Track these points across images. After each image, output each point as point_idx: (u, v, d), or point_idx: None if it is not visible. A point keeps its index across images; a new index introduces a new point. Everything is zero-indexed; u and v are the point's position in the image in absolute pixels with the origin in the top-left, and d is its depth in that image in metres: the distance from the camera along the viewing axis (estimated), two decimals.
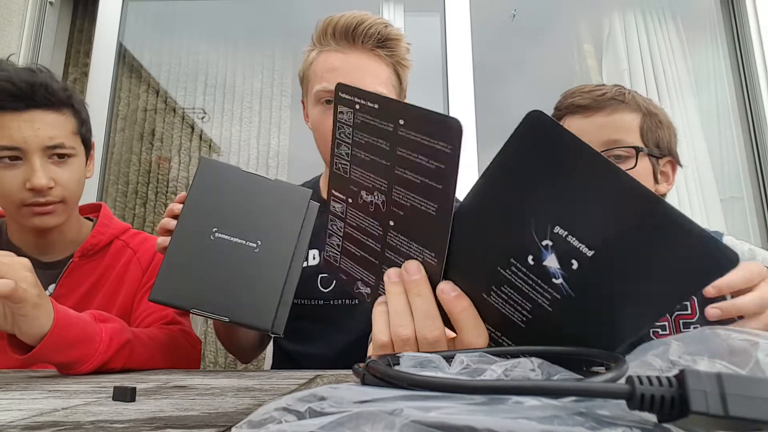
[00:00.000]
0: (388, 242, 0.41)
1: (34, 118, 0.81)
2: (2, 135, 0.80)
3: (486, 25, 2.14)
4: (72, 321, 0.65)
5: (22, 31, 1.99)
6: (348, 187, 0.43)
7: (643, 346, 0.27)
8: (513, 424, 0.15)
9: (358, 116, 0.40)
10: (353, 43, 0.87)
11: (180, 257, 0.67)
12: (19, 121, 0.80)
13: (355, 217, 0.44)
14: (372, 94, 0.39)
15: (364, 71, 0.87)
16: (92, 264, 0.95)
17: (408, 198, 0.38)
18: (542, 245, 0.32)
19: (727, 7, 2.13)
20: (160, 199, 2.20)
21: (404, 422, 0.15)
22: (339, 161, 0.42)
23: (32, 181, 0.81)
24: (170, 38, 2.32)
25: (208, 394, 0.46)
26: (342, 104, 0.40)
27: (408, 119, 0.36)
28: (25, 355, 0.63)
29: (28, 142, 0.81)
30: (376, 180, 0.40)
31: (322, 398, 0.18)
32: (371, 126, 0.39)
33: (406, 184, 0.38)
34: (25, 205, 0.83)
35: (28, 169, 0.81)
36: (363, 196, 0.42)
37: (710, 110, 2.11)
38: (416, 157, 0.36)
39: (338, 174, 0.44)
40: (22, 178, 0.81)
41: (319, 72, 0.88)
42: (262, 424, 0.17)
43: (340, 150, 0.42)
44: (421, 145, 0.36)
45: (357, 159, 0.41)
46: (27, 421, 0.33)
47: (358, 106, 0.39)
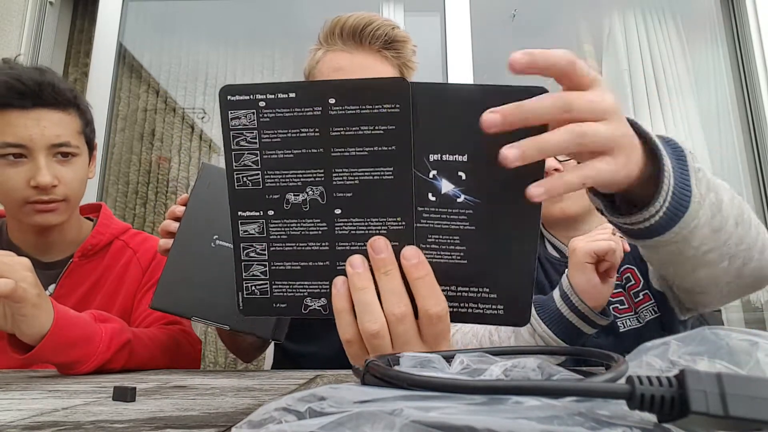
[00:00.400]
0: (338, 233, 0.38)
1: (40, 116, 0.82)
2: (8, 132, 0.81)
3: (486, 25, 2.14)
4: (72, 321, 0.65)
5: (22, 31, 1.99)
6: (263, 198, 0.38)
7: (642, 346, 0.27)
8: (513, 424, 0.15)
9: (265, 114, 0.36)
10: (360, 43, 0.87)
11: (181, 265, 0.67)
12: (25, 119, 0.80)
13: (282, 228, 0.38)
14: (282, 84, 0.35)
15: (369, 71, 0.87)
16: (92, 264, 0.95)
17: (356, 175, 0.36)
18: (430, 177, 0.36)
19: (727, 6, 2.13)
20: (160, 199, 2.20)
21: (404, 422, 0.15)
22: (244, 174, 0.37)
23: (37, 179, 0.81)
24: (170, 38, 2.32)
25: (208, 394, 0.46)
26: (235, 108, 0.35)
27: (340, 95, 0.34)
28: (24, 355, 0.63)
29: (34, 139, 0.81)
30: (306, 174, 0.36)
31: (322, 398, 0.18)
32: (289, 118, 0.35)
33: (350, 162, 0.36)
34: (28, 202, 0.83)
35: (33, 167, 0.82)
36: (290, 199, 0.37)
37: (710, 110, 2.11)
38: (357, 130, 0.35)
39: (245, 190, 0.37)
40: (27, 176, 0.82)
41: (326, 71, 0.88)
42: (262, 424, 0.17)
43: (243, 160, 0.37)
44: (361, 116, 0.35)
45: (271, 162, 0.36)
46: (27, 421, 0.33)
47: (264, 103, 0.35)
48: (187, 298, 0.66)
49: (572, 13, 2.32)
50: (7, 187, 0.82)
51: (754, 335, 0.23)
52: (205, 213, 0.68)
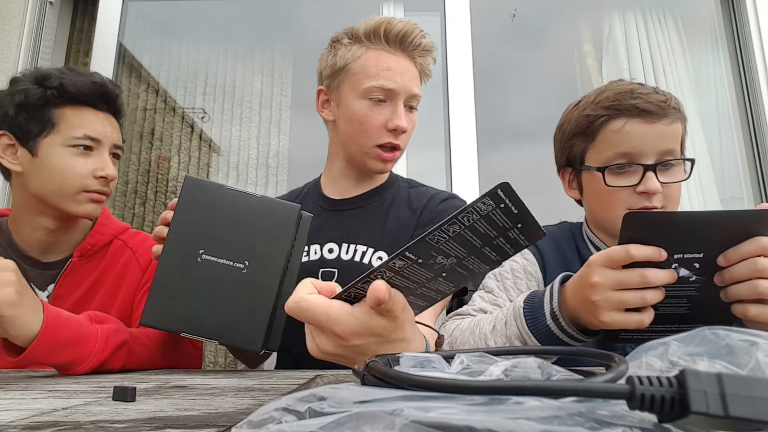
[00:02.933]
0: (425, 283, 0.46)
1: (110, 120, 0.95)
2: (86, 126, 0.90)
3: (486, 24, 2.14)
4: (64, 323, 0.65)
5: (22, 31, 1.99)
6: (428, 252, 0.42)
7: (642, 346, 0.27)
8: (513, 425, 0.15)
9: (494, 212, 0.40)
10: (404, 48, 0.95)
11: (168, 280, 0.67)
12: (101, 119, 0.93)
13: (412, 272, 0.44)
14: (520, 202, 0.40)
15: (410, 75, 0.95)
16: (91, 264, 0.95)
17: (475, 264, 0.45)
18: (673, 268, 0.58)
19: (727, 7, 2.13)
20: (159, 198, 2.20)
21: (404, 422, 0.15)
22: (439, 235, 0.41)
23: (106, 171, 0.92)
24: (170, 38, 2.32)
25: (208, 394, 0.46)
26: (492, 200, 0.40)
27: (523, 225, 0.42)
28: (17, 357, 0.63)
29: (107, 137, 0.93)
30: (460, 251, 0.43)
31: (322, 398, 0.18)
32: (494, 220, 0.41)
33: (483, 257, 0.44)
34: (86, 191, 0.90)
35: (101, 161, 0.92)
36: (437, 260, 0.43)
37: (710, 110, 2.11)
38: (504, 244, 0.43)
39: (429, 243, 0.42)
40: (93, 167, 0.91)
41: (373, 69, 0.94)
42: (262, 424, 0.17)
43: (449, 228, 0.41)
44: (517, 241, 0.43)
45: (460, 238, 0.42)
46: (27, 421, 0.33)
47: (503, 206, 0.40)
48: (176, 313, 0.67)
49: (572, 14, 2.32)
50: (72, 173, 0.89)
51: (754, 335, 0.23)
52: (190, 227, 0.68)
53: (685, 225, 0.57)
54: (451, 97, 1.98)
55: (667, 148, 0.81)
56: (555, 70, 2.36)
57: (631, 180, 0.81)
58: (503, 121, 2.28)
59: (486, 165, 1.95)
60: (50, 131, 0.89)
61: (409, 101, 0.97)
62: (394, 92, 0.93)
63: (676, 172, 0.83)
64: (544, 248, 0.93)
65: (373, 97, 0.94)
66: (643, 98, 0.81)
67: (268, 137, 2.21)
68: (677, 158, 0.82)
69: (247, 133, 2.22)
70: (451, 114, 1.96)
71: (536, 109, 2.32)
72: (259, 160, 2.19)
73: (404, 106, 0.96)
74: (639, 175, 0.80)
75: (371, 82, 0.93)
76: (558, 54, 2.37)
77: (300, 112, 2.24)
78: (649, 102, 0.81)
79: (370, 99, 0.94)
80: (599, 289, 0.60)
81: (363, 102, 0.95)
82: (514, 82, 2.40)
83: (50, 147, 0.89)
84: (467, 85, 1.99)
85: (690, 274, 0.59)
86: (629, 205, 0.81)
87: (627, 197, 0.81)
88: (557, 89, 2.28)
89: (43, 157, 0.89)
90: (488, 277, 0.92)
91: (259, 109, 2.24)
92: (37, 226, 0.92)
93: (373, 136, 0.95)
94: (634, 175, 0.81)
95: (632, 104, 0.81)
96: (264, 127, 2.22)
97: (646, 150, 0.80)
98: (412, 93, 0.95)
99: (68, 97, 0.90)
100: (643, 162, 0.80)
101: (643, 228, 0.57)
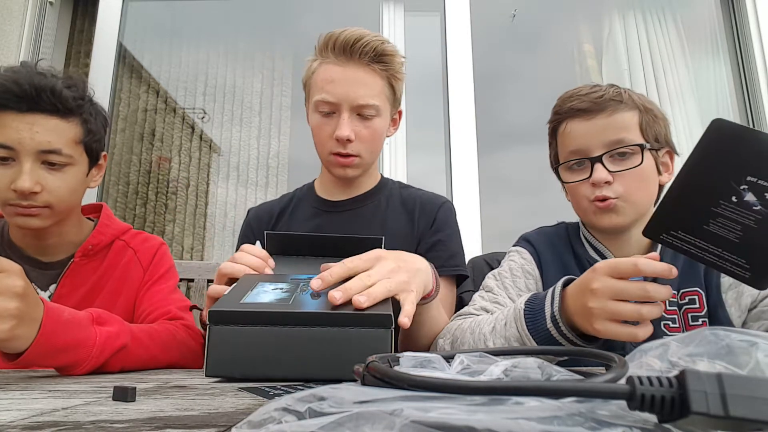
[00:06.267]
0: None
1: (35, 120, 0.81)
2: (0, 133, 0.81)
3: (486, 24, 2.14)
4: (63, 326, 0.64)
5: (22, 31, 1.99)
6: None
7: (642, 346, 0.27)
8: (513, 425, 0.15)
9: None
10: (351, 57, 0.94)
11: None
12: (19, 122, 0.80)
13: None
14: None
15: (358, 83, 0.94)
16: (93, 264, 0.95)
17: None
18: (741, 189, 0.55)
19: (727, 7, 2.14)
20: (160, 199, 2.20)
21: (404, 422, 0.15)
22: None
23: (17, 183, 0.81)
24: (170, 39, 2.32)
25: (208, 394, 0.46)
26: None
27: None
28: (13, 361, 0.62)
29: (23, 143, 0.81)
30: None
31: (322, 398, 0.18)
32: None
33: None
34: (9, 204, 0.83)
35: (17, 171, 0.82)
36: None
37: (710, 110, 2.12)
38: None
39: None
40: (10, 179, 0.82)
41: (319, 83, 0.96)
42: (262, 424, 0.17)
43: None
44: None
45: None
46: (27, 421, 0.33)
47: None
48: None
49: (572, 14, 2.32)
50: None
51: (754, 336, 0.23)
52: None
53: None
54: (451, 98, 1.98)
55: (612, 138, 0.84)
56: (555, 70, 2.36)
57: (583, 174, 0.86)
58: (503, 122, 2.28)
59: (486, 167, 1.95)
60: None
61: (358, 110, 0.95)
62: (336, 104, 0.94)
63: (633, 160, 0.84)
64: (540, 247, 0.94)
65: (321, 110, 0.96)
66: (578, 98, 0.87)
67: (268, 138, 2.22)
68: (625, 145, 0.83)
69: (248, 133, 2.22)
70: (451, 116, 1.96)
71: (536, 110, 2.32)
72: (259, 160, 2.19)
73: (356, 114, 0.95)
74: (589, 168, 0.85)
75: (316, 96, 0.95)
76: (558, 54, 2.37)
77: (300, 113, 2.25)
78: (584, 101, 0.86)
79: (319, 112, 0.96)
80: (597, 296, 0.59)
81: (315, 115, 0.97)
82: (514, 83, 2.40)
83: None
84: (467, 86, 1.99)
85: (756, 202, 0.55)
86: (587, 196, 0.85)
87: (586, 189, 0.85)
88: (557, 90, 2.27)
89: None
90: (488, 277, 0.93)
91: (259, 110, 2.24)
92: (20, 230, 0.91)
93: (325, 146, 0.97)
94: (586, 169, 0.86)
95: (569, 107, 0.88)
96: (264, 128, 2.22)
97: (592, 145, 0.85)
98: (357, 103, 0.93)
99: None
100: (590, 155, 0.84)
101: (724, 137, 0.55)
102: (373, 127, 0.97)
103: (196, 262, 1.43)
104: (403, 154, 1.99)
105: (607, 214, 0.84)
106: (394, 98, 1.01)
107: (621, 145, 0.83)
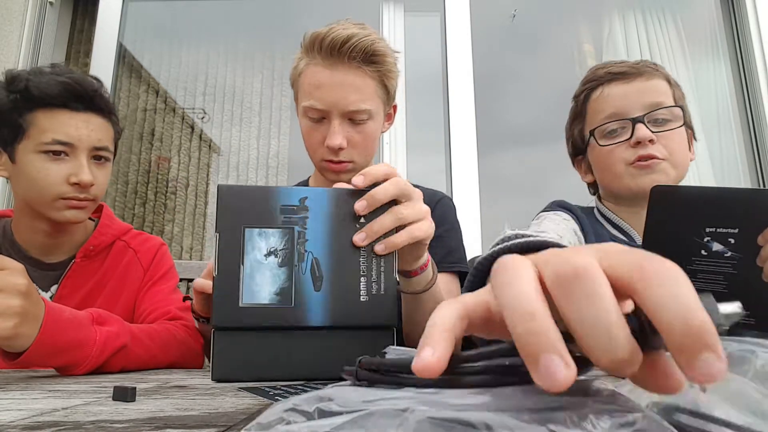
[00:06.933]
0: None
1: (89, 119, 0.89)
2: (59, 130, 0.86)
3: (486, 25, 2.14)
4: (63, 326, 0.64)
5: (22, 31, 1.99)
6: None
7: None
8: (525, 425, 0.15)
9: None
10: (339, 59, 0.87)
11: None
12: (77, 120, 0.87)
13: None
14: None
15: (348, 88, 0.88)
16: (94, 264, 0.95)
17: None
18: (705, 241, 0.56)
19: (727, 7, 2.14)
20: (159, 199, 2.20)
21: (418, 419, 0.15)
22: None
23: (80, 177, 0.86)
24: (170, 38, 2.32)
25: (208, 394, 0.46)
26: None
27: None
28: (13, 361, 0.62)
29: (82, 140, 0.87)
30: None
31: (330, 399, 0.18)
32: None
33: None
34: (62, 198, 0.87)
35: (76, 165, 0.87)
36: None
37: (710, 110, 2.12)
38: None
39: None
40: (67, 173, 0.87)
41: (306, 87, 0.90)
42: (271, 425, 0.17)
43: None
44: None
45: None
46: (27, 421, 0.33)
47: None
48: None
49: (572, 14, 2.32)
50: (46, 181, 0.86)
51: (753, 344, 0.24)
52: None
53: (714, 198, 0.56)
54: (451, 98, 1.98)
55: (652, 101, 0.84)
56: (555, 70, 2.36)
57: (623, 136, 0.85)
58: (503, 122, 2.28)
59: (486, 167, 1.95)
60: (22, 137, 0.86)
61: (350, 116, 0.89)
62: (326, 111, 0.88)
63: (671, 125, 0.84)
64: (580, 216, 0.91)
65: (310, 117, 0.90)
66: (614, 65, 0.88)
67: (268, 138, 2.21)
68: (665, 106, 0.83)
69: (247, 133, 2.22)
70: (451, 116, 1.96)
71: (536, 110, 2.32)
72: (259, 160, 2.19)
73: (347, 120, 0.89)
74: (630, 130, 0.84)
75: (304, 102, 0.90)
76: (558, 54, 2.37)
77: None
78: (621, 66, 0.87)
79: (309, 118, 0.91)
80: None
81: (304, 120, 0.92)
82: (514, 83, 2.40)
83: (24, 153, 0.86)
84: (467, 86, 1.99)
85: (724, 249, 0.56)
86: (626, 159, 0.84)
87: (623, 153, 0.84)
88: (557, 90, 2.28)
89: (20, 164, 0.87)
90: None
91: (259, 110, 2.24)
92: (35, 229, 0.92)
93: (316, 153, 0.92)
94: (626, 132, 0.85)
95: (605, 71, 0.88)
96: (264, 128, 2.22)
97: (631, 106, 0.84)
98: (348, 110, 0.87)
99: (35, 100, 0.85)
100: (630, 117, 0.84)
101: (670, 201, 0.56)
102: (366, 132, 0.91)
103: (196, 262, 1.43)
104: (403, 154, 1.99)
105: (648, 174, 0.82)
106: (387, 97, 0.95)
107: (661, 106, 0.83)
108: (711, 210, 0.56)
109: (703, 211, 0.56)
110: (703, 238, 0.57)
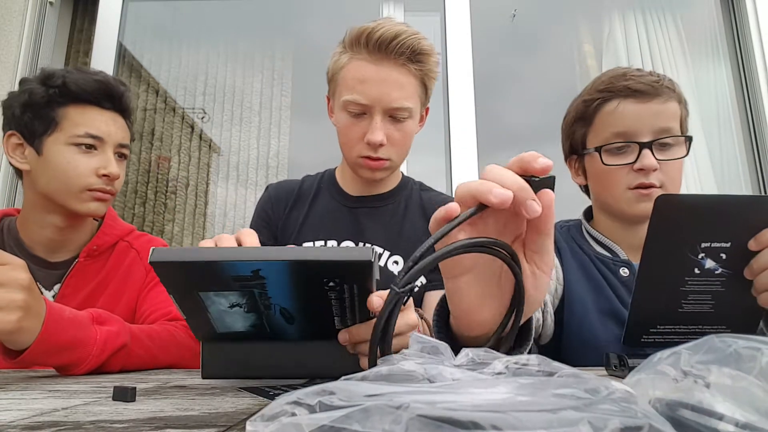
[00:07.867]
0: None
1: (115, 118, 0.95)
2: (91, 125, 0.91)
3: (486, 24, 2.14)
4: (64, 325, 0.64)
5: (23, 31, 1.99)
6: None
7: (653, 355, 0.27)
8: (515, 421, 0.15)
9: None
10: (386, 55, 0.88)
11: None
12: (106, 117, 0.94)
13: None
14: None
15: (393, 84, 0.89)
16: (97, 264, 0.96)
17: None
18: (699, 258, 0.58)
19: (727, 7, 2.14)
20: (159, 198, 2.20)
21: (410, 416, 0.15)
22: None
23: (108, 169, 0.92)
24: (170, 38, 2.32)
25: (208, 394, 0.46)
26: None
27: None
28: (14, 359, 0.62)
29: (111, 135, 0.94)
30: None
31: (332, 393, 0.18)
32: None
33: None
34: (89, 189, 0.91)
35: (104, 159, 0.93)
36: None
37: (710, 110, 2.12)
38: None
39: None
40: (96, 165, 0.92)
41: (350, 81, 0.90)
42: (275, 417, 0.17)
43: None
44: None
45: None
46: (27, 421, 0.33)
47: None
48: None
49: (572, 14, 2.32)
50: (75, 172, 0.90)
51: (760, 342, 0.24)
52: None
53: (716, 208, 0.56)
54: (451, 99, 1.98)
55: (662, 126, 0.83)
56: (555, 70, 2.36)
57: (628, 158, 0.84)
58: (503, 123, 2.28)
59: (484, 165, 1.94)
60: (54, 130, 0.90)
61: (391, 113, 0.90)
62: (368, 106, 0.89)
63: (675, 151, 0.84)
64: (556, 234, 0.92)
65: (351, 111, 0.90)
66: (634, 79, 0.85)
67: (268, 138, 2.21)
68: (673, 135, 0.83)
69: (247, 133, 2.22)
70: (451, 117, 1.96)
71: (536, 110, 2.32)
72: (259, 160, 2.19)
73: (388, 116, 0.90)
74: (635, 153, 0.83)
75: (346, 96, 0.90)
76: (558, 54, 2.37)
77: (300, 113, 2.24)
78: (641, 83, 0.84)
79: (349, 112, 0.91)
80: None
81: (343, 114, 0.92)
82: (514, 84, 2.40)
83: (54, 145, 0.90)
84: (467, 87, 1.99)
85: (716, 266, 0.57)
86: (627, 183, 0.83)
87: (625, 176, 0.84)
88: (557, 90, 2.28)
89: (48, 155, 0.90)
90: None
91: (259, 110, 2.24)
92: (46, 224, 0.93)
93: (354, 148, 0.92)
94: (631, 153, 0.83)
95: (624, 85, 0.85)
96: (264, 128, 2.22)
97: (641, 128, 0.83)
98: (391, 106, 0.88)
99: (71, 95, 0.90)
100: (639, 140, 0.82)
101: (674, 211, 0.56)
102: (405, 130, 0.92)
103: None
104: None
105: (646, 202, 0.82)
106: (425, 97, 0.96)
107: (670, 134, 0.83)
108: (708, 222, 0.56)
109: (701, 223, 0.56)
110: (698, 255, 0.58)
